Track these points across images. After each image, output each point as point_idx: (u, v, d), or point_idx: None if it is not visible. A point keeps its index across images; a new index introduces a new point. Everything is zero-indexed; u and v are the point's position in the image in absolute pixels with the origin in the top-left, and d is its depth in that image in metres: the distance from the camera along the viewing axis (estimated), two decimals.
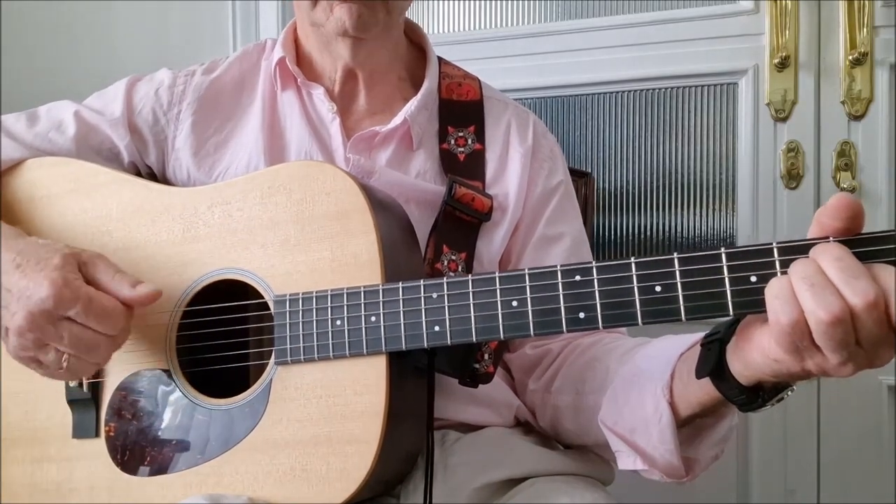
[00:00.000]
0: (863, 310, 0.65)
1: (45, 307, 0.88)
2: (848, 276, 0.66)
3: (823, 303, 0.65)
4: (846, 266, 0.66)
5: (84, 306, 0.88)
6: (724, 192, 1.78)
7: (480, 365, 0.99)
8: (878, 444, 1.66)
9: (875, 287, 0.65)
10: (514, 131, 1.18)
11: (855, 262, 0.66)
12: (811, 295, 0.66)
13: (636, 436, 0.91)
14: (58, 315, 0.89)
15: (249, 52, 1.23)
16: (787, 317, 0.67)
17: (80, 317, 0.89)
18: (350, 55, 1.12)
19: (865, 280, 0.65)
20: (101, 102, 1.18)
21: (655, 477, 0.92)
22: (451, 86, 1.20)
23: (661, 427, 0.88)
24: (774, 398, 0.80)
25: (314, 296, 0.91)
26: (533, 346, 1.14)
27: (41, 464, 1.05)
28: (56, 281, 0.88)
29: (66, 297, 0.88)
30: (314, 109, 1.16)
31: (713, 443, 0.91)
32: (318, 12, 1.08)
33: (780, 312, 0.68)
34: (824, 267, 0.67)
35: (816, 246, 0.69)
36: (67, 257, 0.92)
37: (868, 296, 0.65)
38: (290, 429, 0.91)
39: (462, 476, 1.00)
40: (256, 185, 0.98)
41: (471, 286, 0.84)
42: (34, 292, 0.89)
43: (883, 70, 1.64)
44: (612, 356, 1.03)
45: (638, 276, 0.76)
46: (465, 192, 1.07)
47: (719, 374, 0.79)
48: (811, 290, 0.66)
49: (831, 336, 0.66)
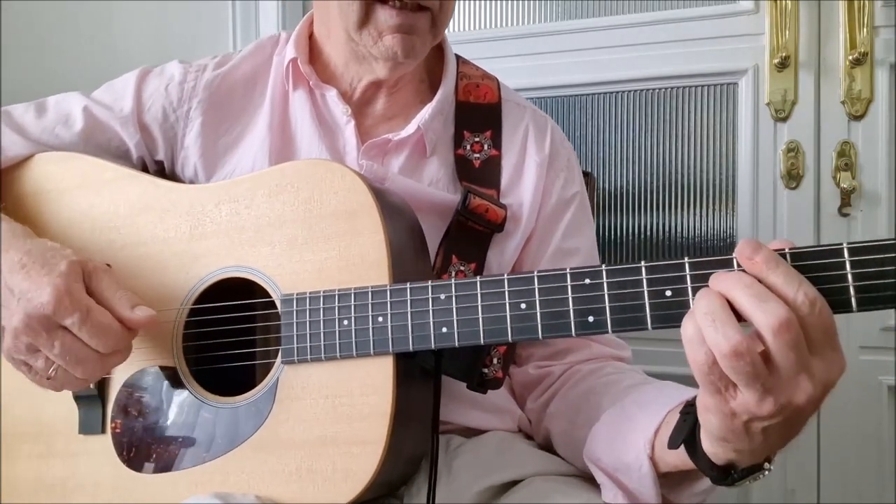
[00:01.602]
0: (773, 332, 0.65)
1: (43, 312, 0.87)
2: (757, 300, 0.66)
3: (724, 335, 0.65)
4: (755, 293, 0.66)
5: (81, 318, 0.88)
6: (724, 192, 1.79)
7: (489, 370, 0.98)
8: (878, 444, 1.66)
9: (786, 309, 0.65)
10: (532, 138, 1.16)
11: (762, 288, 0.66)
12: (713, 330, 0.66)
13: (619, 474, 0.91)
14: (54, 322, 0.88)
15: (263, 45, 1.20)
16: (699, 356, 0.67)
17: (75, 328, 0.88)
18: (387, 75, 1.10)
19: (775, 301, 0.65)
20: (111, 97, 1.16)
21: None
22: (469, 87, 1.18)
23: (640, 475, 0.87)
24: (748, 477, 0.78)
25: (321, 295, 0.91)
26: (536, 367, 1.14)
27: (46, 459, 1.05)
28: (58, 287, 0.88)
29: (65, 306, 0.87)
30: (327, 111, 1.14)
31: (693, 493, 0.90)
32: (363, 35, 1.04)
33: (693, 353, 0.68)
34: (735, 296, 0.67)
35: (716, 275, 0.69)
36: (73, 265, 0.91)
37: (780, 316, 0.65)
38: (296, 428, 0.91)
39: (465, 479, 1.00)
40: (264, 183, 0.98)
41: (479, 288, 0.83)
42: (35, 296, 0.88)
43: (883, 70, 1.64)
44: (607, 394, 1.02)
45: (648, 280, 0.76)
46: (480, 202, 1.06)
47: (692, 447, 0.79)
48: (713, 326, 0.66)
49: (738, 369, 0.65)
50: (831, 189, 1.68)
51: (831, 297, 0.68)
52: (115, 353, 0.92)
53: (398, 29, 1.02)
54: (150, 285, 1.02)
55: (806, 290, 0.66)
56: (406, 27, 1.02)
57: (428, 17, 1.04)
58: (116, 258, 1.04)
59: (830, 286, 0.69)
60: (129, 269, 1.03)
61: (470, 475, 1.00)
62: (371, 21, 1.03)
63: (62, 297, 0.87)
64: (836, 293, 0.69)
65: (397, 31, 1.02)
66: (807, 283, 0.67)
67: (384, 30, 1.03)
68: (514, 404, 1.13)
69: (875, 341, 1.65)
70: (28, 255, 0.93)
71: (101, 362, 0.91)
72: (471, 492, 0.98)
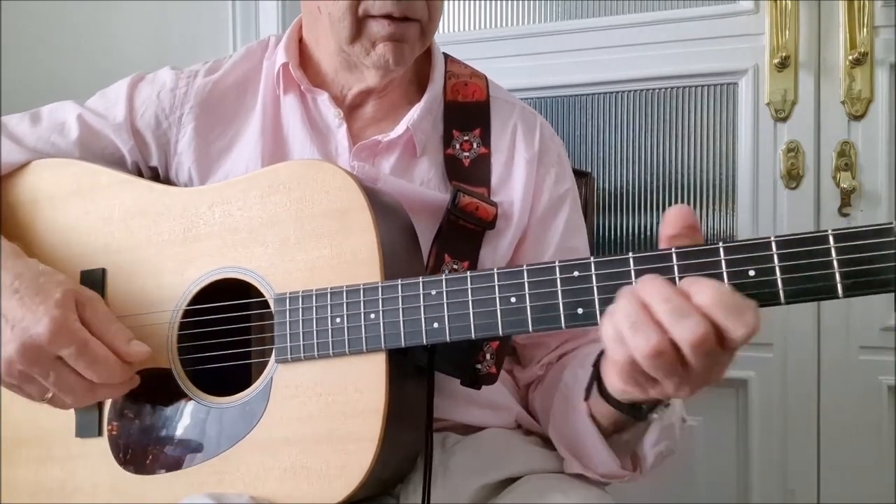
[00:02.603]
0: (691, 346, 0.68)
1: (39, 343, 0.88)
2: (677, 316, 0.69)
3: (644, 337, 0.69)
4: (674, 307, 0.69)
5: (78, 350, 0.88)
6: (724, 192, 1.79)
7: (482, 366, 0.98)
8: (878, 444, 1.66)
9: (703, 323, 0.68)
10: (521, 135, 1.16)
11: (681, 301, 0.69)
12: (633, 333, 0.70)
13: (577, 445, 0.99)
14: (50, 353, 0.89)
15: (252, 50, 1.21)
16: (619, 356, 0.73)
17: (72, 359, 0.89)
18: (378, 82, 1.11)
19: (693, 318, 0.68)
20: (104, 105, 1.16)
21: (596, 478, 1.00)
22: (457, 86, 1.18)
23: (591, 441, 0.95)
24: (657, 408, 0.89)
25: (314, 294, 0.91)
26: (541, 367, 1.15)
27: (44, 463, 1.05)
28: (55, 318, 0.88)
29: (62, 338, 0.88)
30: (318, 115, 1.14)
31: (653, 442, 0.95)
32: (356, 48, 1.05)
33: (613, 352, 0.73)
34: (653, 306, 0.70)
35: (643, 279, 0.72)
36: (68, 293, 0.91)
37: (697, 333, 0.68)
38: (290, 426, 0.91)
39: (462, 477, 1.00)
40: (256, 184, 0.98)
41: (469, 283, 0.83)
42: (31, 325, 0.88)
43: (883, 70, 1.64)
44: (568, 366, 1.08)
45: (636, 271, 0.76)
46: (470, 200, 1.06)
47: (604, 392, 0.86)
48: (633, 328, 0.70)
49: (657, 367, 0.71)
50: (831, 189, 1.68)
51: (817, 284, 0.69)
52: (107, 386, 0.93)
53: (390, 37, 1.03)
54: (146, 288, 1.02)
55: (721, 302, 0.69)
56: (398, 35, 1.03)
57: (417, 27, 1.05)
58: (112, 262, 1.05)
59: (816, 273, 0.70)
60: (125, 272, 1.04)
61: (467, 473, 1.00)
62: (363, 34, 1.04)
63: (59, 328, 0.88)
64: (821, 279, 0.69)
65: (389, 40, 1.03)
66: (728, 294, 0.69)
67: (376, 39, 1.03)
68: (511, 401, 1.13)
69: (875, 341, 1.65)
70: (20, 279, 0.93)
71: (93, 392, 0.93)
72: (467, 490, 0.99)
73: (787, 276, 0.71)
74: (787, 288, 0.71)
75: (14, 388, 0.94)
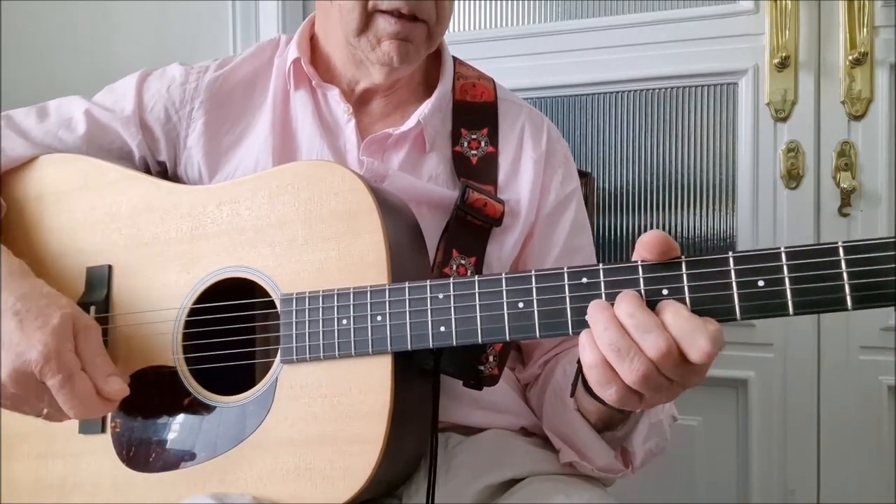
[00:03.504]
0: (658, 361, 0.72)
1: (29, 370, 0.88)
2: (640, 332, 0.72)
3: (632, 367, 0.72)
4: (638, 323, 0.72)
5: (62, 382, 0.88)
6: (724, 192, 1.79)
7: (485, 367, 0.98)
8: (877, 443, 1.66)
9: (664, 337, 0.71)
10: (528, 135, 1.17)
11: (645, 317, 0.72)
12: (619, 361, 0.73)
13: (573, 440, 1.01)
14: (40, 380, 0.89)
15: (263, 47, 1.21)
16: (609, 389, 0.76)
17: (54, 389, 0.89)
18: (382, 80, 1.12)
19: (655, 333, 0.72)
20: (112, 99, 1.17)
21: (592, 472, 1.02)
22: (466, 87, 1.19)
23: (585, 435, 0.99)
24: None
25: (321, 295, 0.91)
26: (540, 366, 1.15)
27: (47, 459, 1.05)
28: (48, 346, 0.88)
29: (50, 367, 0.88)
30: (328, 110, 1.15)
31: (643, 438, 0.99)
32: (362, 41, 1.06)
33: (602, 385, 0.76)
34: (622, 322, 0.73)
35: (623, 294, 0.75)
36: (66, 319, 0.91)
37: (660, 349, 0.71)
38: (294, 427, 0.91)
39: (464, 478, 1.00)
40: (265, 184, 0.99)
41: (477, 287, 0.83)
42: (24, 351, 0.88)
43: (883, 70, 1.64)
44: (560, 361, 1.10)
45: (645, 279, 0.76)
46: (478, 197, 1.07)
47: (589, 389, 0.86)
48: (618, 356, 0.73)
49: (645, 387, 0.74)
50: (831, 189, 1.68)
51: (826, 296, 0.69)
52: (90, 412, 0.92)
53: (395, 35, 1.04)
54: (152, 285, 1.02)
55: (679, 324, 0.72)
56: (403, 34, 1.05)
57: (424, 29, 1.07)
58: (118, 259, 1.05)
59: (825, 284, 0.70)
60: (131, 269, 1.04)
61: (469, 474, 1.01)
62: (370, 29, 1.05)
63: (49, 358, 0.88)
64: (830, 291, 0.69)
65: (394, 38, 1.04)
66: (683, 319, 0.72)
67: (382, 36, 1.05)
68: (518, 405, 1.14)
69: (875, 341, 1.65)
70: (23, 300, 0.93)
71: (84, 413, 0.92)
72: (470, 491, 0.99)
73: (797, 288, 0.71)
74: (796, 299, 0.71)
75: (10, 408, 0.94)
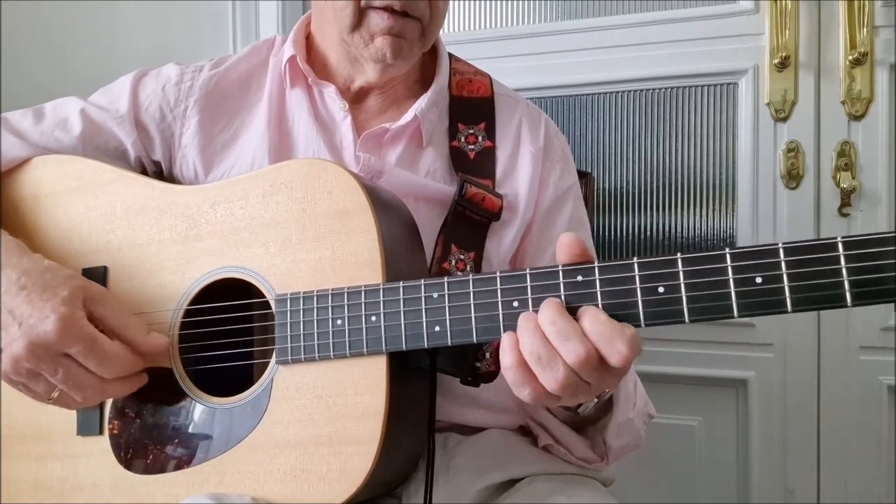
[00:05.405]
0: (578, 367, 0.74)
1: (47, 341, 0.88)
2: (560, 339, 0.75)
3: (553, 374, 0.75)
4: (558, 330, 0.75)
5: (87, 346, 0.89)
6: (724, 192, 1.79)
7: (482, 364, 0.98)
8: (877, 443, 1.66)
9: (584, 344, 0.74)
10: (526, 129, 1.17)
11: (566, 324, 0.75)
12: (540, 369, 0.76)
13: (549, 428, 1.05)
14: (58, 350, 0.89)
15: (258, 47, 1.21)
16: (525, 390, 0.78)
17: (80, 356, 0.89)
18: (377, 77, 1.12)
19: (574, 341, 0.74)
20: (107, 99, 1.17)
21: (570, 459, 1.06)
22: (462, 82, 1.19)
23: (557, 427, 1.03)
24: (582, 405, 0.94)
25: (315, 295, 0.91)
26: None
27: (45, 461, 1.05)
28: (63, 316, 0.88)
29: (70, 335, 0.88)
30: (324, 107, 1.15)
31: (614, 435, 1.01)
32: (355, 38, 1.07)
33: (517, 386, 0.79)
34: (544, 330, 0.76)
35: (545, 301, 0.77)
36: (75, 290, 0.92)
37: (579, 356, 0.74)
38: (291, 428, 0.91)
39: (463, 478, 1.00)
40: (259, 183, 0.98)
41: (472, 286, 0.83)
42: (38, 323, 0.88)
43: (883, 70, 1.64)
44: None
45: (641, 276, 0.76)
46: (476, 191, 1.06)
47: None
48: (538, 364, 0.76)
49: (563, 392, 0.76)
50: (831, 189, 1.68)
51: (825, 293, 0.69)
52: (117, 381, 0.94)
53: (388, 31, 1.04)
54: (147, 286, 1.02)
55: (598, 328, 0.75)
56: (396, 30, 1.05)
57: (417, 26, 1.07)
58: (113, 260, 1.05)
59: (824, 281, 0.69)
60: (126, 270, 1.04)
61: (469, 474, 1.00)
62: (363, 25, 1.05)
63: (67, 326, 0.88)
64: (830, 288, 0.69)
65: (387, 34, 1.04)
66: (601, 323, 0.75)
67: (375, 32, 1.05)
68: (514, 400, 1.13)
69: (875, 341, 1.65)
70: (26, 274, 0.93)
71: (102, 389, 0.93)
72: (470, 491, 0.99)
73: (795, 284, 0.70)
74: (795, 296, 0.71)
75: (21, 386, 0.93)
